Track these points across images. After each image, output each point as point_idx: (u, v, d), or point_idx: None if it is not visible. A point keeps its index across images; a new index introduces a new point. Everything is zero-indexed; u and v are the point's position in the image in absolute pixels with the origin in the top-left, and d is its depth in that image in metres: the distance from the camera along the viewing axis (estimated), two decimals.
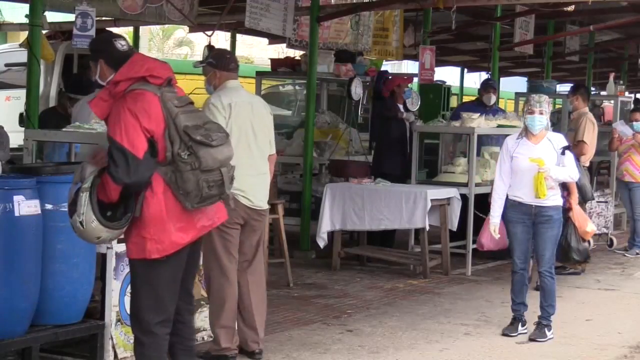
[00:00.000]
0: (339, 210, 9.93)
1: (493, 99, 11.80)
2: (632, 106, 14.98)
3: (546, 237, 7.44)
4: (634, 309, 8.90)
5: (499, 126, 10.78)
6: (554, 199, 7.44)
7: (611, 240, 12.65)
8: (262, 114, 6.57)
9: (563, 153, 7.40)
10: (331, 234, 10.08)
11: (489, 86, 12.04)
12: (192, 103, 5.04)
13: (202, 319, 6.69)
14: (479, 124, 10.49)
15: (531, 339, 7.45)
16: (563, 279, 9.71)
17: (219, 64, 6.48)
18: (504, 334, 7.58)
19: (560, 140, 7.51)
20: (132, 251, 4.93)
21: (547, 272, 7.51)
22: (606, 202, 12.48)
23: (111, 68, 4.91)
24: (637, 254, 12.14)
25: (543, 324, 7.52)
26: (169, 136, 4.78)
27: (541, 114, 7.34)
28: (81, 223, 4.72)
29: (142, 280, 4.98)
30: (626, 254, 12.15)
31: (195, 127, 4.82)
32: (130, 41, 16.38)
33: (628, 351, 7.32)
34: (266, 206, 6.65)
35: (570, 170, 7.44)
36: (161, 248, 4.85)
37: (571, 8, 12.16)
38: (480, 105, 11.72)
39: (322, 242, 9.97)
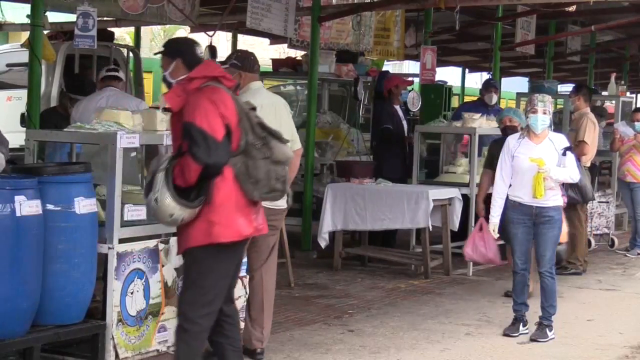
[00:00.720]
0: (340, 211, 9.93)
1: (494, 98, 11.82)
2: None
3: (547, 237, 7.44)
4: (635, 309, 8.90)
5: None
6: (554, 199, 7.44)
7: (612, 240, 12.66)
8: (282, 114, 6.67)
9: (564, 154, 7.40)
10: (332, 234, 10.08)
11: (490, 85, 12.07)
12: (254, 109, 5.35)
13: None
14: (480, 124, 10.50)
15: (532, 339, 7.45)
16: (564, 279, 9.72)
17: (244, 66, 6.56)
18: (505, 334, 7.58)
19: (562, 140, 7.51)
20: (195, 238, 5.05)
21: (548, 272, 7.51)
22: (607, 202, 12.49)
23: (186, 68, 5.22)
24: (639, 254, 12.14)
25: (544, 324, 7.52)
26: (243, 127, 5.07)
27: (544, 113, 7.34)
28: (156, 200, 4.92)
29: (198, 270, 5.11)
30: (627, 254, 12.15)
31: (266, 124, 5.22)
32: (131, 41, 16.47)
33: (629, 351, 7.31)
34: (285, 205, 6.68)
35: (570, 171, 7.44)
36: (227, 233, 5.03)
37: (572, 8, 12.16)
38: (481, 105, 11.73)
39: (323, 242, 9.97)
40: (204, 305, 5.11)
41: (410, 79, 13.54)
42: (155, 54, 5.76)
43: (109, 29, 12.74)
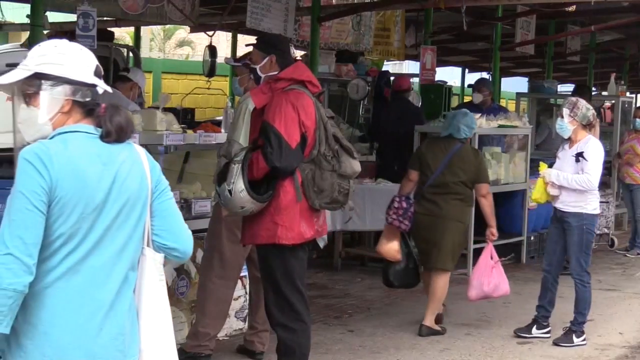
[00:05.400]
0: (339, 211, 9.90)
1: (480, 97, 11.66)
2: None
3: (569, 243, 7.46)
4: (635, 309, 8.91)
5: (500, 126, 10.79)
6: (574, 205, 7.38)
7: (612, 240, 12.66)
8: None
9: (577, 160, 7.34)
10: (332, 234, 10.07)
11: (479, 84, 12.02)
12: (333, 117, 5.56)
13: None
14: (480, 124, 10.49)
15: (555, 343, 7.42)
16: (563, 279, 9.66)
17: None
18: (515, 334, 7.57)
19: (582, 146, 7.40)
20: (262, 237, 5.29)
21: (577, 278, 7.54)
22: (607, 202, 12.48)
23: (278, 66, 5.40)
24: (638, 254, 12.15)
25: (572, 329, 7.49)
26: (319, 136, 5.25)
27: (561, 117, 7.39)
28: (230, 191, 5.13)
29: (277, 267, 5.35)
30: (627, 254, 12.16)
31: (341, 137, 5.40)
32: (131, 41, 16.47)
33: (629, 351, 7.32)
34: None
35: (579, 178, 7.28)
36: (290, 236, 5.25)
37: (572, 8, 12.15)
38: (477, 105, 11.75)
39: (322, 243, 9.92)
40: (299, 298, 5.37)
41: (412, 79, 13.59)
42: (247, 45, 5.83)
43: (108, 28, 12.74)
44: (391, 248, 7.59)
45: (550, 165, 7.56)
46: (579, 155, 7.33)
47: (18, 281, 2.83)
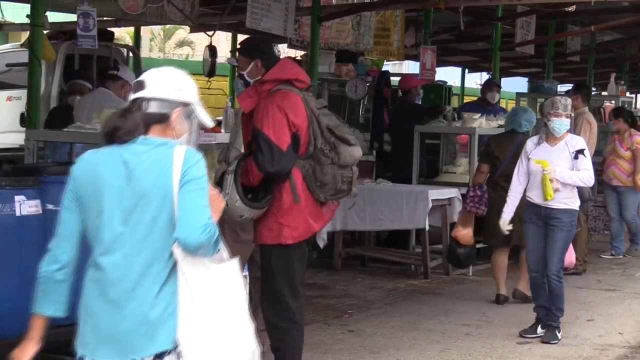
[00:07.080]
0: (339, 211, 9.88)
1: (497, 96, 11.85)
2: None
3: (554, 239, 7.41)
4: (635, 309, 8.90)
5: (500, 126, 10.77)
6: (566, 202, 7.38)
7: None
8: None
9: (576, 157, 7.34)
10: (332, 235, 10.07)
11: (492, 84, 12.11)
12: (326, 107, 5.54)
13: None
14: (480, 124, 10.49)
15: (544, 342, 7.42)
16: (564, 278, 9.70)
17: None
18: (520, 335, 7.57)
19: (577, 143, 7.44)
20: (266, 237, 5.30)
21: (554, 275, 7.47)
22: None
23: (264, 69, 5.37)
24: (637, 249, 12.14)
25: (553, 326, 7.48)
26: (312, 132, 5.25)
27: (567, 117, 7.36)
28: (226, 202, 5.02)
29: (278, 268, 5.35)
30: (627, 254, 12.14)
31: (335, 126, 5.38)
32: (131, 41, 16.47)
33: (629, 351, 7.32)
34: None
35: (582, 174, 7.33)
36: (296, 235, 5.27)
37: (572, 8, 12.15)
38: (481, 105, 11.74)
39: (322, 243, 9.96)
40: (294, 298, 5.41)
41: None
42: (232, 51, 5.91)
43: (109, 28, 12.74)
44: (467, 234, 8.37)
45: None
46: (579, 152, 7.35)
47: (44, 269, 3.47)
